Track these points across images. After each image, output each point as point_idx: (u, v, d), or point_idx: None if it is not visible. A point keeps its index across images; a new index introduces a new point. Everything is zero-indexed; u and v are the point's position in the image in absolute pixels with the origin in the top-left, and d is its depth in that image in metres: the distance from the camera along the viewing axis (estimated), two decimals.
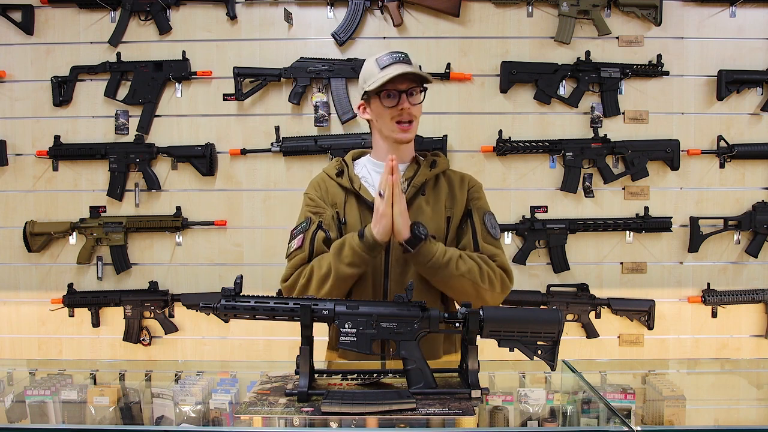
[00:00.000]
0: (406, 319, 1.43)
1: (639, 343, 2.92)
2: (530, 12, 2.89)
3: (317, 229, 1.74)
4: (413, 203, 1.76)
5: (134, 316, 2.89)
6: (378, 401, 1.31)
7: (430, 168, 1.79)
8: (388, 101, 1.70)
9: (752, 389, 1.91)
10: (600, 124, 2.90)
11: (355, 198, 1.77)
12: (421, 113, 1.78)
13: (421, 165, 1.80)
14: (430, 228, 1.70)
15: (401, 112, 1.70)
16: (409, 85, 1.70)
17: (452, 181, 1.83)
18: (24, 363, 2.69)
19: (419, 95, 1.73)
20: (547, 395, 1.53)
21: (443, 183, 1.82)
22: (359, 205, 1.76)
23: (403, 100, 1.69)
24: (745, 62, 2.90)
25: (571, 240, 2.90)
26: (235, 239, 2.94)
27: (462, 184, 1.83)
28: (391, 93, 1.70)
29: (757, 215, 2.87)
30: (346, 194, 1.78)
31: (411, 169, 1.80)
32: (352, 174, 1.79)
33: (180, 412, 1.47)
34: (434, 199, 1.78)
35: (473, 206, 1.82)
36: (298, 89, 2.84)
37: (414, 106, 1.72)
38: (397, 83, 1.69)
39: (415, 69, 1.70)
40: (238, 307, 1.42)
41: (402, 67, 1.68)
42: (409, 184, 1.76)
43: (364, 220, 1.74)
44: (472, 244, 1.77)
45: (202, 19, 2.91)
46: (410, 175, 1.78)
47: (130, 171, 2.90)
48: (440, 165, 1.82)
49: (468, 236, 1.78)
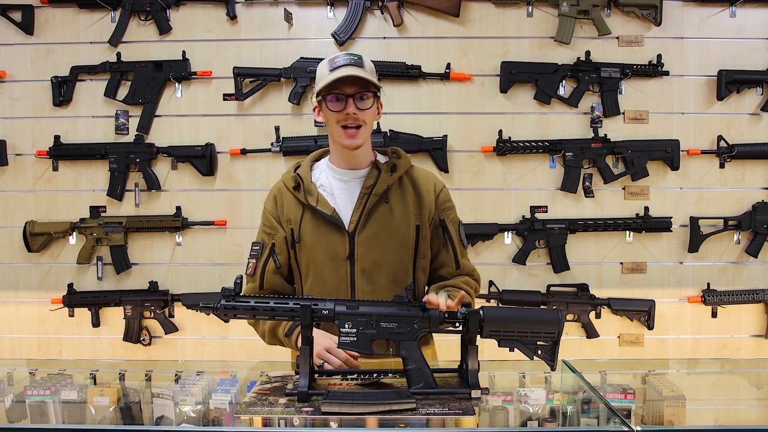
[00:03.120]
0: (406, 319, 1.43)
1: (639, 343, 2.92)
2: (530, 12, 2.89)
3: (269, 256, 1.73)
4: (376, 211, 1.70)
5: (134, 316, 2.89)
6: (378, 401, 1.31)
7: (391, 172, 1.73)
8: (334, 105, 1.63)
9: (752, 389, 1.91)
10: (600, 124, 2.90)
11: (312, 212, 1.71)
12: (375, 119, 1.71)
13: (381, 171, 1.72)
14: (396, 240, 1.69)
15: (346, 117, 1.63)
16: (357, 89, 1.62)
17: (417, 183, 1.76)
18: (24, 363, 2.69)
19: (369, 100, 1.64)
20: (547, 395, 1.53)
21: (408, 186, 1.75)
22: (315, 219, 1.70)
23: (350, 104, 1.62)
24: (745, 62, 2.89)
25: (571, 240, 2.90)
26: (235, 239, 2.94)
27: (428, 187, 1.77)
28: (339, 96, 1.63)
29: (757, 215, 2.87)
30: (303, 208, 1.72)
31: (371, 177, 1.72)
32: (308, 186, 1.72)
33: (180, 412, 1.47)
34: (401, 206, 1.72)
35: (447, 217, 1.77)
36: (298, 89, 2.84)
37: (362, 111, 1.64)
38: (343, 87, 1.62)
39: (367, 73, 1.63)
40: (238, 307, 1.42)
41: (351, 69, 1.60)
42: (371, 193, 1.70)
43: (319, 235, 1.69)
44: (454, 262, 1.75)
45: (202, 19, 2.91)
46: (371, 183, 1.71)
47: (130, 171, 2.90)
48: (401, 167, 1.75)
49: (448, 253, 1.76)
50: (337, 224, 1.69)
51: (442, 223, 1.76)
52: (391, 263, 1.71)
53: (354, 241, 1.69)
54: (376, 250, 1.69)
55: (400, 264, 1.72)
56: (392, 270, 1.71)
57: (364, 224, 1.69)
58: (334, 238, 1.69)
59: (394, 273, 1.71)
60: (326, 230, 1.70)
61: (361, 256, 1.69)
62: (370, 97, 1.65)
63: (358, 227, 1.69)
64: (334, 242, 1.69)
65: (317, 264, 1.71)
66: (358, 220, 1.69)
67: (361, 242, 1.69)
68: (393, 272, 1.71)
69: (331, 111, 1.64)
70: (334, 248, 1.69)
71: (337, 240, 1.69)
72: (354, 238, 1.69)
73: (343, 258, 1.69)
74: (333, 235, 1.69)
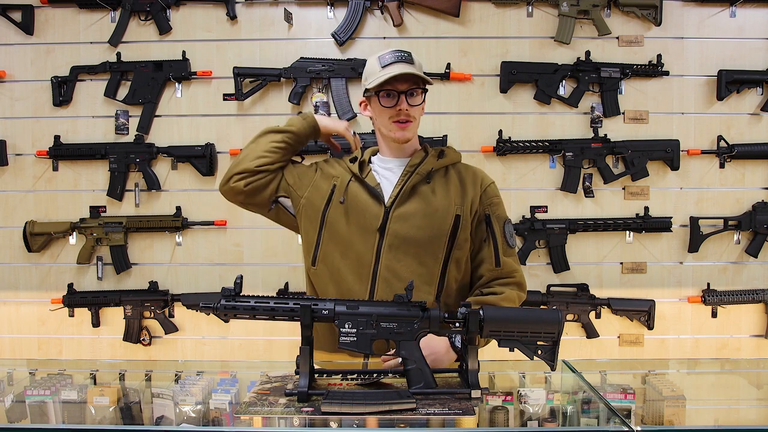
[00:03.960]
0: (406, 319, 1.43)
1: (639, 343, 2.92)
2: (530, 12, 2.89)
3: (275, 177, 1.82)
4: (417, 192, 1.73)
5: (134, 316, 2.89)
6: (378, 401, 1.31)
7: (438, 158, 1.77)
8: (386, 101, 1.69)
9: (752, 389, 1.91)
10: (600, 124, 2.90)
11: (358, 182, 1.77)
12: (422, 114, 1.76)
13: (428, 154, 1.78)
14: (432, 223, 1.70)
15: (399, 113, 1.69)
16: (409, 86, 1.68)
17: (463, 176, 1.79)
18: (24, 363, 2.69)
19: (419, 96, 1.70)
20: (547, 395, 1.53)
21: (453, 176, 1.78)
22: (359, 188, 1.76)
23: (402, 100, 1.68)
24: (745, 62, 2.89)
25: (571, 240, 2.90)
26: (235, 239, 2.94)
27: (475, 180, 1.79)
28: (391, 93, 1.68)
29: (757, 215, 2.87)
30: (352, 177, 1.78)
31: (417, 157, 1.77)
32: (363, 161, 1.81)
33: (180, 412, 1.47)
34: (443, 192, 1.75)
35: (492, 213, 1.78)
36: (298, 89, 2.84)
37: (413, 107, 1.70)
38: (396, 83, 1.67)
39: (417, 70, 1.68)
40: (238, 307, 1.42)
41: (403, 66, 1.66)
42: (414, 172, 1.74)
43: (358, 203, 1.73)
44: (494, 259, 1.75)
45: (202, 19, 2.91)
46: (416, 162, 1.75)
47: (130, 171, 2.90)
48: (450, 156, 1.79)
49: (489, 249, 1.76)
50: (377, 197, 1.72)
51: (486, 218, 1.77)
52: (420, 244, 1.71)
53: (389, 215, 1.71)
54: (408, 227, 1.71)
55: (430, 247, 1.72)
56: (419, 251, 1.71)
57: (403, 201, 1.72)
58: (371, 208, 1.72)
59: (420, 255, 1.71)
60: (366, 200, 1.73)
61: (391, 231, 1.70)
62: (420, 93, 1.71)
63: (396, 202, 1.72)
64: (371, 213, 1.72)
65: (350, 230, 1.72)
66: (397, 194, 1.72)
67: (395, 217, 1.71)
68: (420, 253, 1.71)
69: (384, 107, 1.69)
70: (369, 219, 1.72)
71: (374, 211, 1.72)
72: (390, 212, 1.71)
73: (375, 229, 1.71)
74: (371, 206, 1.73)
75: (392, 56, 1.68)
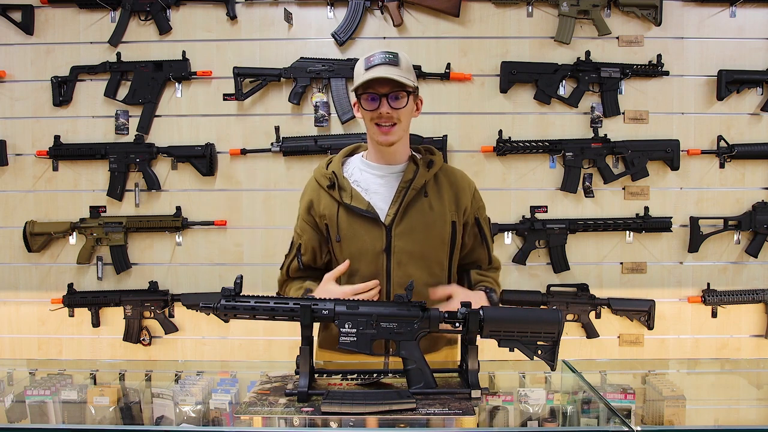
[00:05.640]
0: (406, 319, 1.43)
1: (639, 343, 2.92)
2: (530, 12, 2.89)
3: (295, 256, 1.84)
4: (415, 206, 1.73)
5: (134, 316, 2.89)
6: (378, 401, 1.31)
7: (428, 168, 1.76)
8: (368, 104, 1.66)
9: (752, 389, 1.91)
10: (600, 124, 2.90)
11: (346, 209, 1.73)
12: (412, 115, 1.73)
13: (419, 165, 1.76)
14: (433, 233, 1.72)
15: (380, 116, 1.66)
16: (391, 88, 1.64)
17: (452, 181, 1.80)
18: (24, 363, 2.69)
19: (403, 99, 1.66)
20: (547, 395, 1.53)
21: (444, 182, 1.79)
22: (350, 215, 1.73)
23: (383, 103, 1.64)
24: (745, 62, 2.89)
25: (571, 240, 2.90)
26: (235, 239, 2.94)
27: (464, 185, 1.81)
28: (373, 96, 1.65)
29: (757, 215, 2.87)
30: (338, 206, 1.74)
31: (410, 171, 1.75)
32: (342, 183, 1.75)
33: (180, 412, 1.47)
34: (437, 200, 1.76)
35: (480, 216, 1.83)
36: (298, 89, 2.84)
37: (397, 110, 1.66)
38: (377, 86, 1.63)
39: (402, 71, 1.64)
40: (238, 307, 1.42)
41: (384, 69, 1.62)
42: (409, 187, 1.73)
43: (355, 230, 1.72)
44: (487, 258, 1.85)
45: (202, 19, 2.91)
46: (409, 177, 1.74)
47: (130, 171, 2.90)
48: (437, 163, 1.79)
49: (483, 250, 1.84)
50: (372, 218, 1.71)
51: (477, 222, 1.82)
52: (427, 256, 1.74)
53: (391, 233, 1.71)
54: (413, 242, 1.71)
55: (436, 258, 1.76)
56: (428, 263, 1.74)
57: (402, 217, 1.72)
58: (371, 231, 1.71)
59: (429, 266, 1.74)
60: (362, 224, 1.72)
61: (397, 249, 1.71)
62: (404, 96, 1.67)
63: (395, 220, 1.71)
64: (371, 235, 1.71)
65: (353, 257, 1.72)
66: (395, 213, 1.71)
67: (398, 235, 1.71)
68: (429, 265, 1.74)
69: (366, 110, 1.68)
70: (370, 241, 1.71)
71: (374, 233, 1.71)
72: (391, 230, 1.71)
73: (380, 250, 1.71)
74: (369, 228, 1.71)
75: (377, 58, 1.65)
